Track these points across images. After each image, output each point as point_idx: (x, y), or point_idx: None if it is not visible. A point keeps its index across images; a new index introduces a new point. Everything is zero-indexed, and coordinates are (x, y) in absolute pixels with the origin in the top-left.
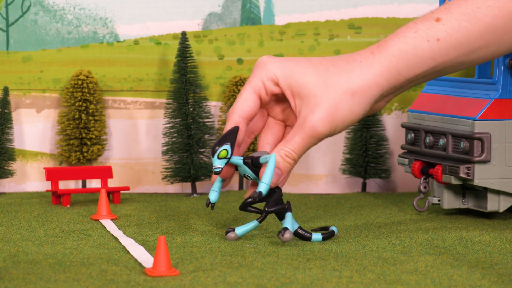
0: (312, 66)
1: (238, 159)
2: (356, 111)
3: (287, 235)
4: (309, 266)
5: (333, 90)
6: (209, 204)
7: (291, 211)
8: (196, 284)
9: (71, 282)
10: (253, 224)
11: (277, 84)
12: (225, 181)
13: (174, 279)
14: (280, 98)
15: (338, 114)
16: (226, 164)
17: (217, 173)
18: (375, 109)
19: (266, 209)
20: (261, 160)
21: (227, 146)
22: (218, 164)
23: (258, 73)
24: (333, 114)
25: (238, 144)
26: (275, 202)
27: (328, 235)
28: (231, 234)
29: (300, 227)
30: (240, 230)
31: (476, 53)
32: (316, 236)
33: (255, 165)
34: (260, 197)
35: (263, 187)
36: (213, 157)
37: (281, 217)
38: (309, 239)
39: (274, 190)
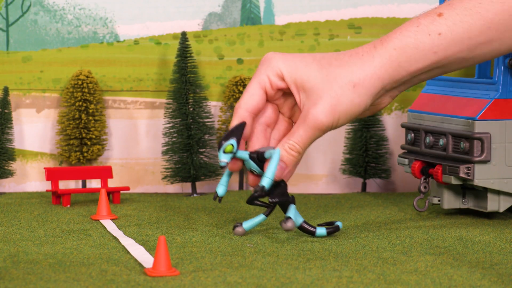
0: (316, 61)
1: (244, 154)
2: (357, 102)
3: (289, 224)
4: (309, 266)
5: (334, 82)
6: (217, 198)
7: (295, 203)
8: (196, 284)
9: (71, 282)
10: (260, 218)
11: (282, 79)
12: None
13: (174, 279)
14: (289, 95)
15: (340, 105)
16: (231, 158)
17: (222, 167)
18: (379, 104)
19: (270, 200)
20: (266, 155)
21: (233, 141)
22: (223, 158)
23: (264, 68)
24: (335, 105)
25: (244, 138)
26: (280, 194)
27: (332, 230)
28: (238, 229)
29: (305, 221)
30: (247, 224)
31: (478, 49)
32: (321, 230)
33: (261, 160)
34: (263, 191)
35: (266, 182)
36: (219, 151)
37: (286, 210)
38: (313, 233)
39: (279, 184)
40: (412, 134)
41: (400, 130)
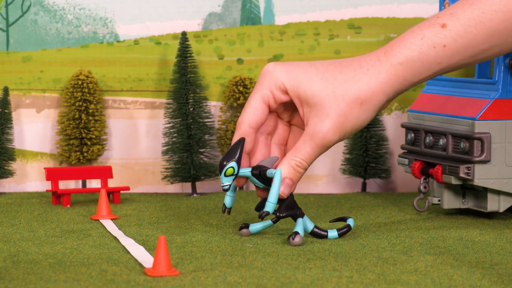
0: (320, 74)
1: (246, 172)
2: (363, 118)
3: (297, 239)
4: (309, 266)
5: (341, 100)
6: (226, 210)
7: (302, 217)
8: (196, 284)
9: (71, 282)
10: (267, 223)
11: (286, 93)
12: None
13: (174, 279)
14: (289, 103)
15: (347, 123)
16: (234, 180)
17: (225, 190)
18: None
19: (277, 214)
20: (268, 174)
21: (233, 164)
22: (225, 181)
23: (266, 82)
24: (342, 123)
25: (247, 153)
26: (287, 207)
27: (345, 230)
28: (244, 230)
29: (316, 226)
30: (254, 227)
31: (480, 55)
32: (332, 233)
33: (263, 177)
34: (268, 215)
35: (269, 207)
36: (220, 174)
37: (296, 219)
38: (325, 237)
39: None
40: (412, 134)
41: (400, 130)
